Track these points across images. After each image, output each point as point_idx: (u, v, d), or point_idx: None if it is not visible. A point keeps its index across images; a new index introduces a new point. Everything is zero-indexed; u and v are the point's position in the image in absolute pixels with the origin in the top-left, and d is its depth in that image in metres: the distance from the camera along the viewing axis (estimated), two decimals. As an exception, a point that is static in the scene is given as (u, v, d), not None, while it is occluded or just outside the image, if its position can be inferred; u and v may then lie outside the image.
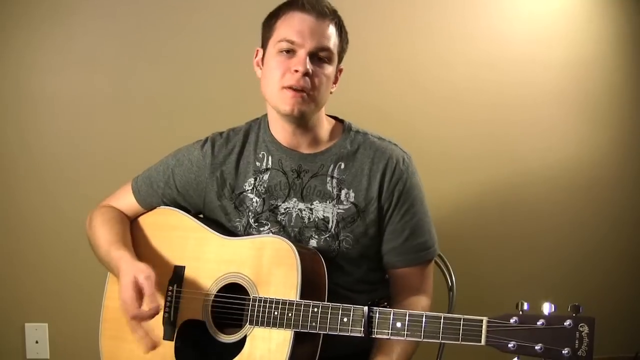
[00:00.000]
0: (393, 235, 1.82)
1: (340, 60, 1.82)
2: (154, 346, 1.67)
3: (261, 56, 1.81)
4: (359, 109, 2.69)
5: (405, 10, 2.99)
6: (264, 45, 1.80)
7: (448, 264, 2.25)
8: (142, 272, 1.69)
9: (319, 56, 1.72)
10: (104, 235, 1.87)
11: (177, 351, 1.78)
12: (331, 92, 1.81)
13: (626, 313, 3.22)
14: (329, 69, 1.75)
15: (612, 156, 3.20)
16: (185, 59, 2.86)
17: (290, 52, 1.72)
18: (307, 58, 1.69)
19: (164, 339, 1.80)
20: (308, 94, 1.71)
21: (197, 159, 1.88)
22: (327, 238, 1.79)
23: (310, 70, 1.69)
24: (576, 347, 1.27)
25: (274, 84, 1.73)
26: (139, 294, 1.67)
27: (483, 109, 3.07)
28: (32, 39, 2.80)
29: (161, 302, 1.74)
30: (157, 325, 1.81)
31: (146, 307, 1.64)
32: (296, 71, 1.69)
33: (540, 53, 3.09)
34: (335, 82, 1.83)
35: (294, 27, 1.71)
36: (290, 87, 1.70)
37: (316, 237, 1.79)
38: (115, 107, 2.86)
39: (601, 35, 3.14)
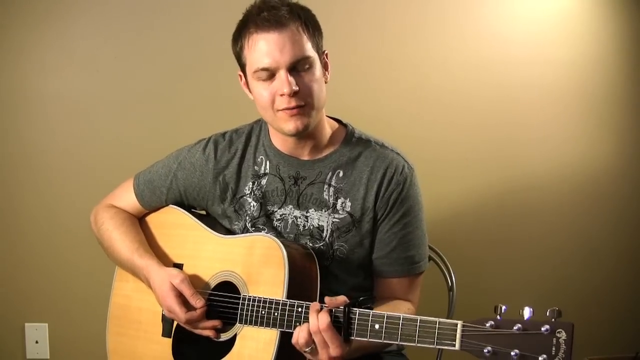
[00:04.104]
0: (381, 244, 1.79)
1: (321, 49, 1.74)
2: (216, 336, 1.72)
3: (245, 81, 1.77)
4: (355, 112, 2.66)
5: (403, 11, 2.97)
6: (242, 71, 1.76)
7: (448, 264, 2.24)
8: (176, 277, 1.73)
9: (299, 67, 1.66)
10: (122, 241, 1.88)
11: (175, 348, 1.80)
12: (326, 82, 1.76)
13: (626, 313, 3.20)
14: (315, 72, 1.69)
15: (613, 159, 3.18)
16: (185, 58, 2.86)
17: (269, 76, 1.67)
18: (288, 75, 1.64)
19: (162, 335, 1.83)
20: (305, 107, 1.67)
21: (199, 162, 1.87)
22: (322, 247, 1.78)
23: (297, 88, 1.64)
24: (553, 353, 1.23)
25: (267, 109, 1.70)
26: (180, 298, 1.72)
27: (483, 111, 3.05)
28: (31, 39, 2.80)
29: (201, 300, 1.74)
30: (156, 322, 1.85)
31: (194, 306, 1.71)
32: (282, 94, 1.65)
33: (540, 54, 3.06)
34: (326, 70, 1.77)
35: (261, 52, 1.65)
36: (284, 109, 1.67)
37: (310, 244, 1.78)
38: (115, 108, 2.87)
39: (603, 36, 3.10)
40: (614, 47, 3.13)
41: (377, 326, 1.46)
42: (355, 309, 1.49)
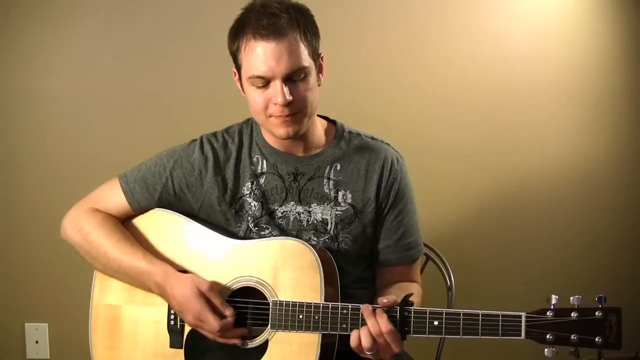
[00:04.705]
0: (388, 233, 1.85)
1: (317, 53, 1.74)
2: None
3: (239, 78, 1.76)
4: (357, 110, 2.72)
5: (403, 10, 2.99)
6: (237, 69, 1.74)
7: (447, 264, 2.27)
8: (203, 283, 1.69)
9: (294, 77, 1.66)
10: (120, 248, 1.79)
11: (188, 359, 1.76)
12: (319, 85, 1.76)
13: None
14: (309, 80, 1.69)
15: (613, 156, 3.19)
16: (184, 59, 2.87)
17: (264, 83, 1.66)
18: (283, 85, 1.64)
19: (170, 347, 1.78)
20: (297, 115, 1.69)
21: (198, 162, 1.83)
22: (327, 240, 1.80)
23: (291, 98, 1.65)
24: (607, 335, 1.42)
25: (259, 113, 1.71)
26: (210, 304, 1.68)
27: (482, 109, 3.06)
28: (32, 41, 2.79)
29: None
30: (160, 332, 1.80)
31: (224, 314, 1.68)
32: (276, 103, 1.66)
33: (541, 52, 3.08)
34: (321, 73, 1.77)
35: (258, 59, 1.63)
36: (277, 117, 1.68)
37: (315, 239, 1.80)
38: (116, 108, 2.87)
39: (602, 33, 3.14)
40: (612, 44, 3.15)
41: (436, 322, 1.53)
42: (410, 307, 1.54)
